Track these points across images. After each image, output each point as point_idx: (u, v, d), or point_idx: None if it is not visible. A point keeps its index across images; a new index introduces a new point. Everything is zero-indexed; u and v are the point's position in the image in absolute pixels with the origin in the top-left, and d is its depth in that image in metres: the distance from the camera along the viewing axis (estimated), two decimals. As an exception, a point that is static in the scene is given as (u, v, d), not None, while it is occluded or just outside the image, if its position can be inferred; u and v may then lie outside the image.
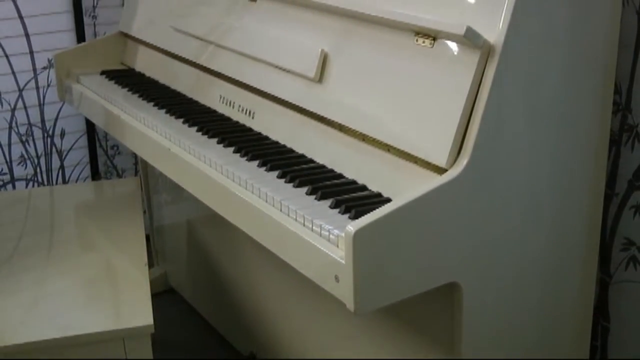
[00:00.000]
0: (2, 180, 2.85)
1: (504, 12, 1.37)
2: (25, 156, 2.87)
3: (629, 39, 1.70)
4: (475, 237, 1.43)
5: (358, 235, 1.26)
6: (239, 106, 1.94)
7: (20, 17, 2.74)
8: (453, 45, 1.42)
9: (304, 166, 1.65)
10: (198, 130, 1.89)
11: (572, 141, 1.54)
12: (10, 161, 2.85)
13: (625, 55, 1.70)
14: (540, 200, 1.52)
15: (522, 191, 1.48)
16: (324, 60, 1.68)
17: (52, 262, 2.03)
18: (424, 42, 1.47)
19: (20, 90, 2.81)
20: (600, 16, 1.53)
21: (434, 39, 1.46)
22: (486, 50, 1.37)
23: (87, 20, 2.88)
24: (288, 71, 1.77)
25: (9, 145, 2.83)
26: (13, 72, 2.78)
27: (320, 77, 1.68)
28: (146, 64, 2.44)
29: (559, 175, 1.54)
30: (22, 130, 2.84)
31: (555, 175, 1.53)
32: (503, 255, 1.49)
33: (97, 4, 2.90)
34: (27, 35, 2.77)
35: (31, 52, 2.79)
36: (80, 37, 2.86)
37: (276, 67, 1.81)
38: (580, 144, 1.57)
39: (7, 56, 2.75)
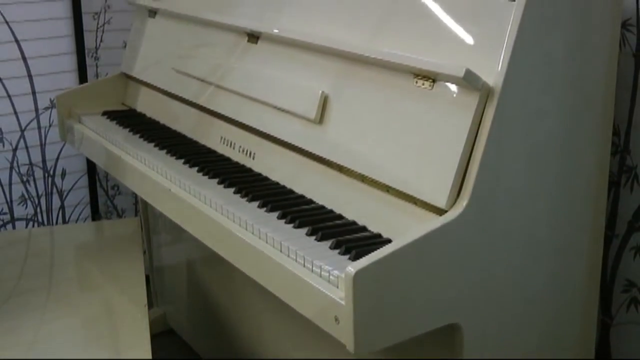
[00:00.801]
0: (2, 220, 2.85)
1: (502, 54, 1.39)
2: (26, 196, 2.88)
3: (627, 81, 1.71)
4: (476, 278, 1.43)
5: (358, 276, 1.26)
6: (240, 147, 1.95)
7: (24, 59, 2.77)
8: (452, 87, 1.44)
9: (304, 207, 1.66)
10: (199, 171, 1.90)
11: (572, 183, 1.55)
12: (11, 201, 2.85)
13: (623, 97, 1.72)
14: (540, 242, 1.52)
15: (522, 232, 1.48)
16: (324, 102, 1.69)
17: (51, 302, 2.02)
18: (423, 83, 1.49)
19: (22, 131, 2.82)
20: (598, 59, 1.54)
21: (434, 80, 1.47)
22: (485, 93, 1.38)
23: (89, 61, 2.91)
24: (288, 112, 1.79)
25: (10, 185, 2.84)
26: (15, 113, 2.80)
27: (321, 118, 1.69)
28: (147, 104, 2.45)
29: (558, 216, 1.54)
30: (23, 170, 2.85)
31: (555, 217, 1.53)
32: (503, 296, 1.49)
33: (99, 45, 2.93)
34: (30, 76, 2.80)
35: (33, 93, 2.81)
36: (83, 78, 2.88)
37: (277, 108, 1.83)
38: (580, 186, 1.57)
39: (9, 97, 2.77)
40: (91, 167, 2.98)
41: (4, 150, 2.80)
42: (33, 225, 2.91)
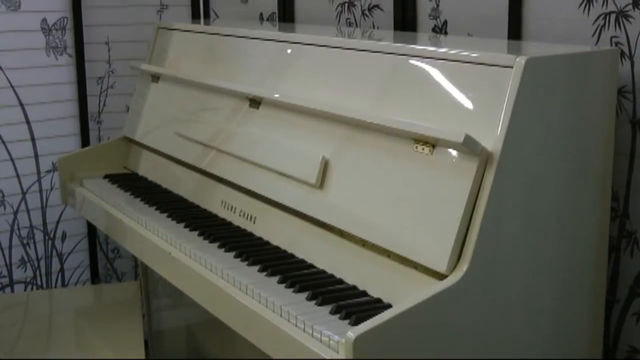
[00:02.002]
0: (1, 283, 2.84)
1: (501, 120, 1.41)
2: (26, 259, 2.87)
3: (624, 147, 1.73)
4: (476, 343, 1.42)
5: (358, 341, 1.25)
6: (241, 211, 1.96)
7: (28, 122, 2.80)
8: (452, 153, 1.45)
9: (305, 271, 1.65)
10: (199, 235, 1.90)
11: (572, 247, 1.55)
12: (10, 264, 2.84)
13: (621, 162, 1.73)
14: (540, 307, 1.51)
15: (522, 297, 1.48)
16: (325, 167, 1.71)
17: (48, 367, 2.00)
18: (423, 149, 1.50)
19: (24, 193, 2.83)
20: (595, 125, 1.56)
21: (434, 146, 1.48)
22: (484, 158, 1.40)
23: (92, 125, 2.94)
24: (289, 177, 1.80)
25: (10, 247, 2.83)
26: (17, 176, 2.81)
27: (321, 183, 1.70)
28: (149, 168, 2.47)
29: (559, 281, 1.54)
30: (24, 233, 2.85)
31: (556, 282, 1.53)
32: (505, 362, 1.47)
33: (102, 109, 2.96)
34: (33, 139, 2.82)
35: (36, 156, 2.83)
36: (85, 141, 2.91)
37: (278, 173, 1.84)
38: (580, 250, 1.57)
39: (12, 160, 2.79)
40: (92, 230, 2.98)
41: (5, 213, 2.81)
42: (32, 289, 2.90)
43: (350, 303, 1.48)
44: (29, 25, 2.78)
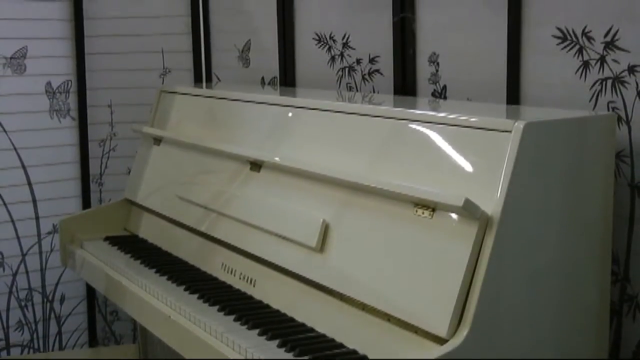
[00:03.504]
0: (-2, 347, 2.82)
1: (501, 183, 1.42)
2: (23, 321, 2.85)
3: (624, 210, 1.73)
4: (479, 410, 1.40)
5: (359, 407, 1.24)
6: (241, 274, 1.96)
7: (29, 184, 2.81)
8: (452, 216, 1.45)
9: (305, 335, 1.64)
10: (199, 298, 1.89)
11: (573, 311, 1.55)
12: (7, 327, 2.82)
13: (620, 225, 1.73)
14: (543, 372, 1.50)
15: (525, 362, 1.47)
16: (325, 230, 1.71)
17: None
18: (423, 212, 1.51)
19: (24, 255, 2.83)
20: (594, 189, 1.57)
21: (433, 209, 1.49)
22: (484, 221, 1.40)
23: (93, 187, 2.95)
24: (290, 240, 1.80)
25: (8, 310, 2.82)
26: (17, 237, 2.81)
27: (322, 246, 1.70)
28: (150, 230, 2.47)
29: (561, 346, 1.53)
30: (22, 295, 2.84)
31: (557, 346, 1.52)
32: None
33: (104, 171, 2.98)
34: (34, 201, 2.83)
35: (37, 218, 2.84)
36: (86, 203, 2.91)
37: (278, 236, 1.84)
38: (581, 314, 1.57)
39: (13, 221, 2.79)
40: (90, 293, 2.96)
41: (4, 274, 2.80)
42: (29, 352, 2.87)
43: (351, 368, 1.47)
44: (33, 89, 2.82)
